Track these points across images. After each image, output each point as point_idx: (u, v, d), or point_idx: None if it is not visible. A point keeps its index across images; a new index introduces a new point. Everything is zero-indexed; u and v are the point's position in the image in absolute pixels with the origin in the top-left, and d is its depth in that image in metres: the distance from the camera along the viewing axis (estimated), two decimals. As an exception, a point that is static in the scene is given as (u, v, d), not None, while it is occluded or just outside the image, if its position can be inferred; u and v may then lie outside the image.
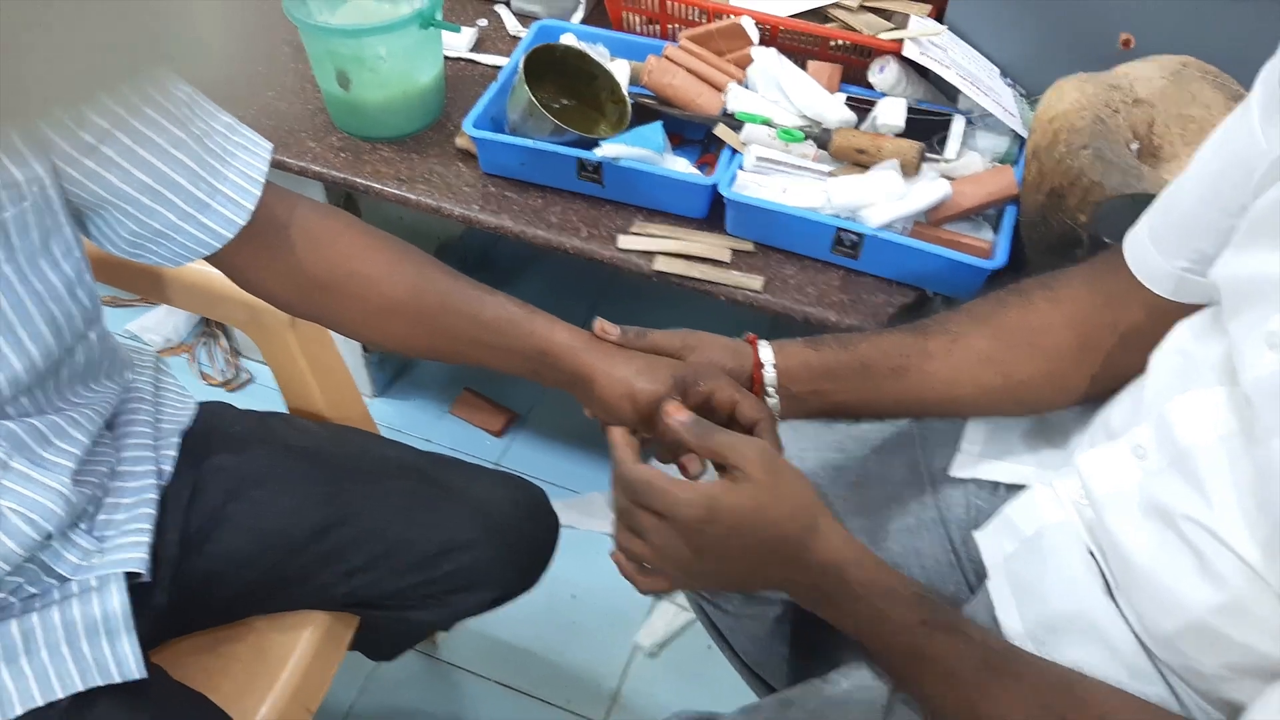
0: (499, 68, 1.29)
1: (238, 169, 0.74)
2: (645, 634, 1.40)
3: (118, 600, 0.78)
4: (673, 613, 1.41)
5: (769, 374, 0.74)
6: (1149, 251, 0.70)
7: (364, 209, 1.44)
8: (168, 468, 0.88)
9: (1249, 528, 0.56)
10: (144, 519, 0.82)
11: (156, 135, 0.69)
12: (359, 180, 1.18)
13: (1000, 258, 1.01)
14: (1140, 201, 0.83)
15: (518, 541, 0.97)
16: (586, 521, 1.50)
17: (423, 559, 0.92)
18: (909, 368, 0.74)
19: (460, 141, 1.20)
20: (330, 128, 1.23)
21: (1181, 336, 0.67)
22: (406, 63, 1.15)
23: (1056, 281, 0.76)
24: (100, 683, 0.76)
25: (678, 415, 0.65)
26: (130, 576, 0.80)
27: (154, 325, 1.75)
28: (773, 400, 0.74)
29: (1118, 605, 0.66)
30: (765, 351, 0.74)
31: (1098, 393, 0.75)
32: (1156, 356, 0.68)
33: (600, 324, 0.74)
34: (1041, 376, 0.74)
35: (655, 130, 1.12)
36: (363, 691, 1.35)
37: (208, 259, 0.76)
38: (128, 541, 0.81)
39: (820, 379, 0.74)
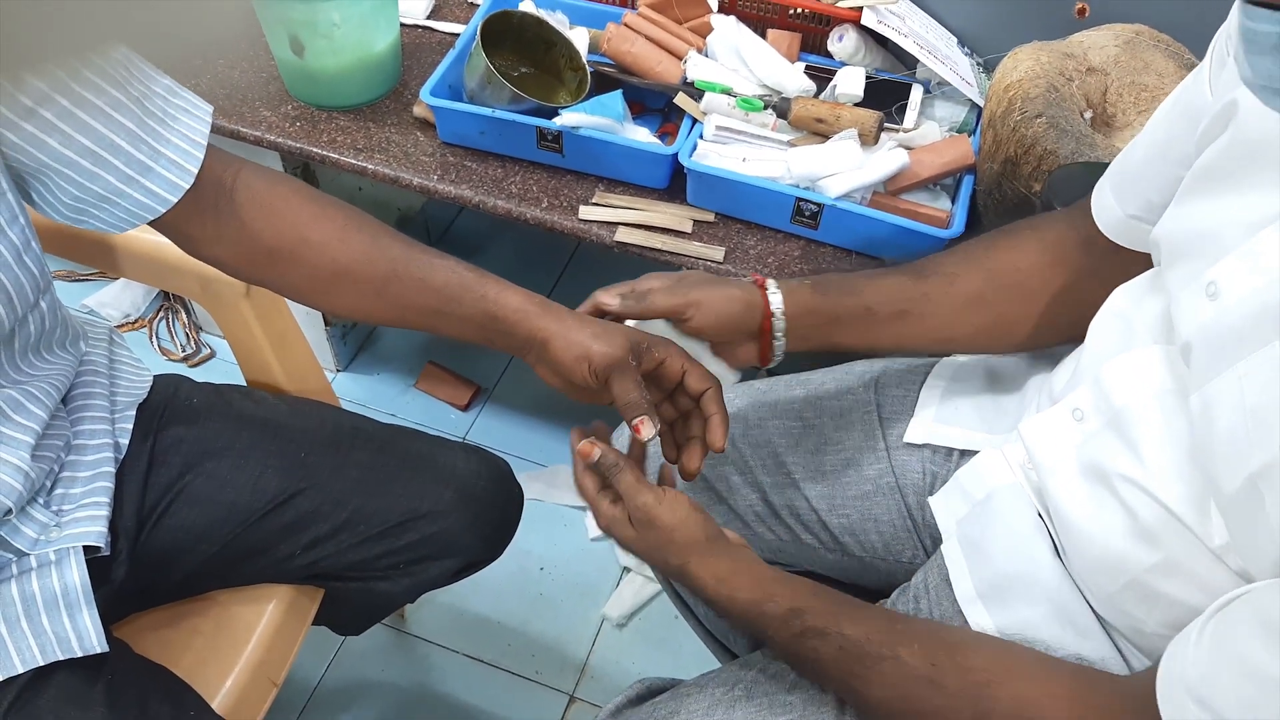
0: (456, 35, 1.28)
1: (180, 132, 0.73)
2: (613, 605, 1.41)
3: (76, 574, 0.77)
4: (640, 583, 1.42)
5: (779, 322, 0.77)
6: (1107, 196, 0.72)
7: (322, 180, 1.43)
8: (124, 441, 0.87)
9: (1181, 483, 0.58)
10: (101, 492, 0.82)
11: (96, 97, 0.68)
12: (315, 150, 1.16)
13: (957, 227, 1.02)
14: (1092, 169, 0.84)
15: (483, 509, 0.97)
16: (553, 494, 1.50)
17: (386, 529, 0.92)
18: (910, 312, 0.77)
19: (418, 110, 1.18)
20: (285, 96, 1.21)
21: (1118, 301, 0.68)
22: (362, 29, 1.14)
23: (1043, 223, 0.78)
24: (60, 656, 0.75)
25: (592, 454, 0.72)
26: (89, 550, 0.79)
27: (111, 300, 1.72)
28: (780, 342, 0.78)
29: (1065, 566, 0.68)
30: (775, 298, 0.77)
31: (1078, 335, 0.77)
32: (1095, 322, 0.69)
33: (599, 297, 0.76)
34: (1029, 316, 0.77)
35: (615, 99, 1.11)
36: (332, 665, 1.36)
37: (155, 226, 0.75)
38: (85, 515, 0.80)
39: (826, 324, 0.78)
